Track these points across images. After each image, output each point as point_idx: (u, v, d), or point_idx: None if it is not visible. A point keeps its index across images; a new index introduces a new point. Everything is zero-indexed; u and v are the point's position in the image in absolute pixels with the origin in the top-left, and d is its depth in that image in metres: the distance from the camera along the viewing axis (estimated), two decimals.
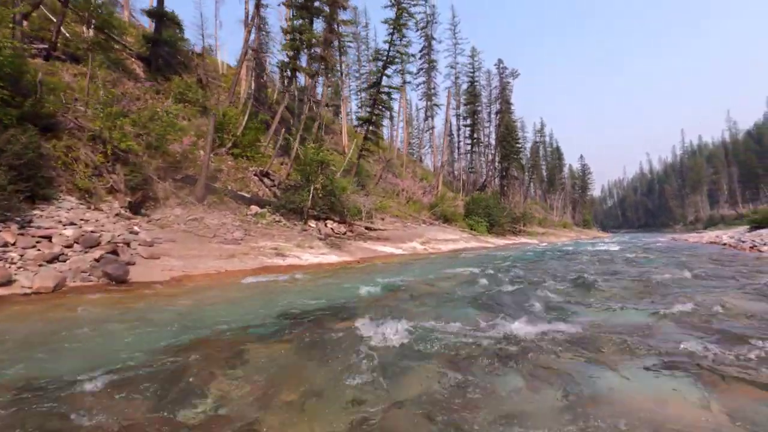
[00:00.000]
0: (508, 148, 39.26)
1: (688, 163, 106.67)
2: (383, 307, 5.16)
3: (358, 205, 18.25)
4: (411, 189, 30.12)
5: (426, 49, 50.00)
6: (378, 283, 6.88)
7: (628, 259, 11.13)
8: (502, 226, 33.19)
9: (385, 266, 10.76)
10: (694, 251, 12.67)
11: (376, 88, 21.62)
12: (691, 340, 3.50)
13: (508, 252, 16.74)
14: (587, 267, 9.50)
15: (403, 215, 24.72)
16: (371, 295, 6.09)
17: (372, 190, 22.18)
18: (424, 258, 13.85)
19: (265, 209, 14.32)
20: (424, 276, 8.27)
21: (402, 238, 17.75)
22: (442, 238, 20.95)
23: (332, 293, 6.27)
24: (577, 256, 12.70)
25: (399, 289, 6.56)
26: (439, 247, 18.19)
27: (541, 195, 78.95)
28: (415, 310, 4.96)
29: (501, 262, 11.21)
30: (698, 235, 23.86)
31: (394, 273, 8.79)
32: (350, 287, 6.65)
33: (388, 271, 9.12)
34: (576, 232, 61.42)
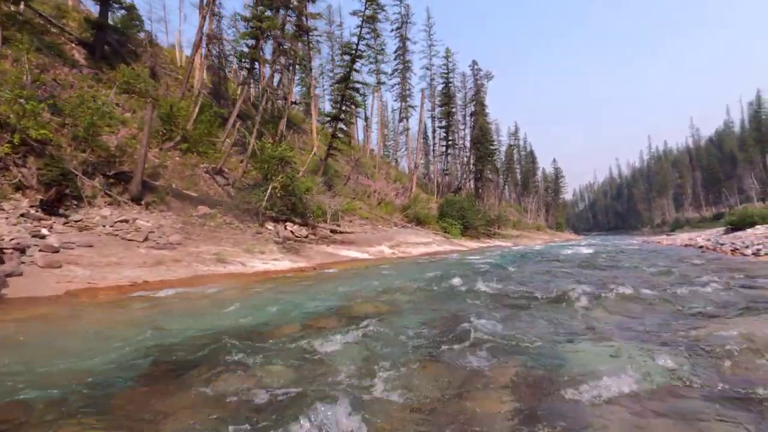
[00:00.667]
0: (482, 150, 38.88)
1: (654, 167, 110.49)
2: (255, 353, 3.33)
3: (323, 207, 17.04)
4: (383, 191, 29.10)
5: (401, 50, 49.36)
6: (315, 300, 5.74)
7: (611, 265, 10.31)
8: (476, 228, 32.62)
9: (341, 274, 9.62)
10: (676, 255, 11.99)
11: (345, 84, 20.52)
12: None
13: (481, 256, 15.93)
14: (574, 273, 8.43)
15: (374, 217, 23.65)
16: (270, 325, 4.47)
17: (340, 191, 21.01)
18: (390, 263, 12.78)
19: (215, 210, 12.92)
20: (381, 286, 7.19)
21: (369, 242, 16.64)
22: (414, 241, 19.99)
23: (228, 316, 4.98)
24: (556, 261, 11.89)
25: (328, 315, 5.05)
26: (409, 251, 17.20)
27: (516, 198, 79.66)
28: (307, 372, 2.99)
29: (471, 268, 10.29)
30: (670, 237, 23.87)
31: (345, 283, 7.65)
32: (269, 307, 5.37)
33: (338, 282, 7.96)
34: (549, 235, 62.00)
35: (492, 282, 6.67)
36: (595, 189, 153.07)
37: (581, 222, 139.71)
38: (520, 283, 7.10)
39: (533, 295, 5.77)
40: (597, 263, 10.86)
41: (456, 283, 6.77)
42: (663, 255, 12.33)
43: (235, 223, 12.90)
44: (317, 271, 10.38)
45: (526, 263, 11.22)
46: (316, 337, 3.63)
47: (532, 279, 7.65)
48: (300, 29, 24.32)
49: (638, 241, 29.42)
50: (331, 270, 10.56)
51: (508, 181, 69.50)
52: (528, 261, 12.03)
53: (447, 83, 42.59)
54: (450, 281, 6.95)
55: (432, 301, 5.76)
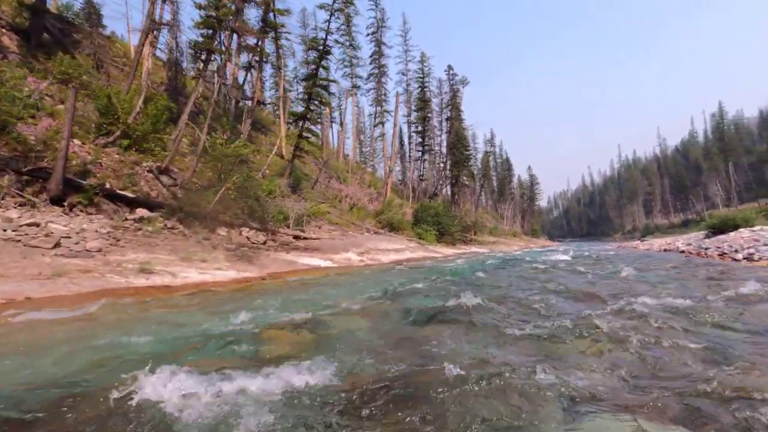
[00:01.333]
0: (458, 155, 38.35)
1: (624, 175, 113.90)
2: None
3: (286, 211, 15.71)
4: (356, 196, 27.91)
5: (376, 54, 48.80)
6: (219, 324, 4.42)
7: (594, 274, 9.32)
8: (452, 234, 31.83)
9: (291, 285, 8.33)
10: (661, 262, 11.20)
11: (312, 81, 19.35)
12: None
13: (456, 263, 14.92)
14: (572, 288, 6.71)
15: (344, 223, 22.41)
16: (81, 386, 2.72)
17: (308, 195, 19.70)
18: (355, 272, 11.57)
19: (156, 213, 11.41)
20: (327, 300, 5.99)
21: (336, 248, 15.39)
22: (385, 247, 18.85)
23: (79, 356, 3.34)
24: (540, 270, 10.83)
25: (208, 352, 3.49)
26: (379, 258, 16.03)
27: (492, 205, 79.97)
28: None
29: (441, 277, 9.20)
30: (645, 243, 23.54)
31: (286, 297, 6.38)
32: (137, 337, 3.80)
33: (279, 295, 6.66)
34: (525, 241, 62.17)
35: (467, 296, 5.54)
36: (569, 196, 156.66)
37: (555, 228, 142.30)
38: (505, 298, 6.02)
39: (532, 326, 4.09)
40: (594, 271, 10.03)
41: (414, 306, 5.35)
42: (653, 261, 11.56)
43: (180, 228, 11.42)
44: (267, 281, 9.06)
45: (509, 272, 10.16)
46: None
47: (525, 294, 6.55)
48: (266, 25, 23.06)
49: (612, 247, 29.26)
50: (289, 279, 9.27)
51: (484, 188, 69.60)
52: (509, 270, 10.91)
53: (423, 88, 42.06)
54: (411, 300, 5.81)
55: (378, 335, 4.19)
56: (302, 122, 19.65)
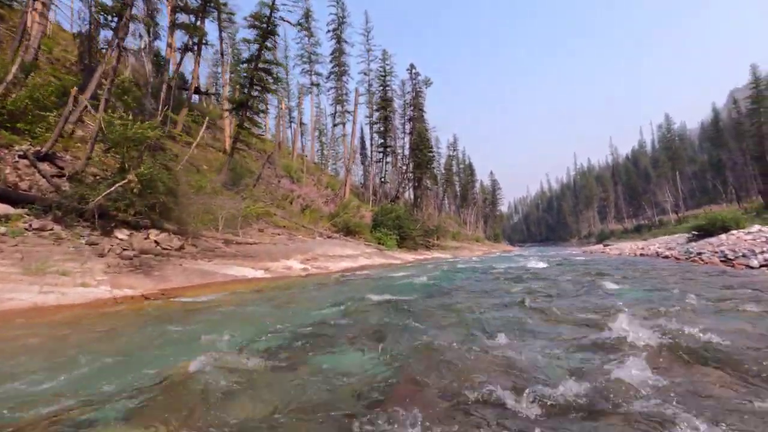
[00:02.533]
0: (421, 156, 36.84)
1: (580, 182, 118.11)
2: None
3: (215, 210, 13.16)
4: (310, 197, 25.52)
5: (337, 52, 46.69)
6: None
7: (584, 286, 7.54)
8: (414, 239, 30.10)
9: (187, 308, 5.97)
10: (659, 271, 9.18)
11: (254, 64, 16.90)
12: None
13: (414, 271, 12.99)
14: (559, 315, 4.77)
15: (293, 226, 19.98)
16: None
17: (249, 194, 17.13)
18: (290, 285, 9.26)
19: (21, 210, 8.61)
20: (216, 335, 3.80)
21: (275, 255, 13.00)
22: (337, 253, 16.64)
23: None
24: (508, 281, 9.07)
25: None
26: (327, 266, 13.80)
27: (455, 210, 79.68)
28: None
29: (396, 297, 7.14)
30: (613, 247, 22.59)
31: (155, 332, 4.12)
32: None
33: (144, 330, 4.37)
34: (488, 246, 61.88)
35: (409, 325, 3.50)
36: (528, 202, 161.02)
37: (516, 233, 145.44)
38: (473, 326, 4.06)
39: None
40: (580, 281, 8.36)
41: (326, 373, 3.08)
42: (643, 270, 10.08)
43: (54, 229, 8.67)
44: (159, 301, 6.63)
45: (486, 286, 8.17)
46: None
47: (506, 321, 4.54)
48: (206, 3, 20.36)
49: (578, 252, 28.57)
50: (184, 299, 6.85)
51: (447, 193, 68.95)
52: (486, 284, 8.41)
53: (384, 86, 40.37)
54: (325, 361, 3.68)
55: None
56: (243, 111, 17.10)
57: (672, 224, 61.88)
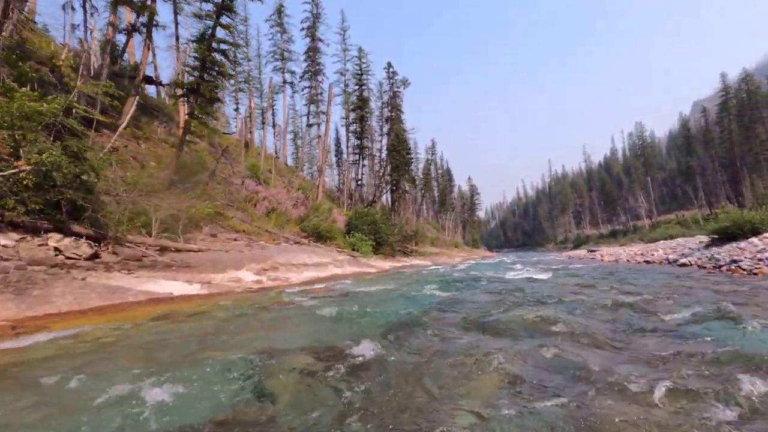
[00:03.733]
0: (398, 158, 35.09)
1: (555, 188, 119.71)
2: None
3: (147, 210, 10.83)
4: (277, 198, 23.23)
5: (312, 51, 44.66)
6: None
7: (635, 314, 5.08)
8: (391, 245, 28.18)
9: (30, 353, 3.79)
10: (702, 284, 7.61)
11: (206, 43, 14.66)
12: None
13: (391, 284, 10.98)
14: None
15: (255, 231, 17.70)
16: None
17: (199, 193, 14.76)
18: (228, 306, 7.08)
19: None
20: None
21: (223, 265, 10.77)
22: (303, 261, 14.49)
23: None
24: (520, 303, 6.80)
25: None
26: (288, 277, 11.66)
27: (434, 215, 78.47)
28: None
29: (359, 334, 5.12)
30: (605, 253, 21.01)
31: None
32: None
33: None
34: (467, 252, 60.72)
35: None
36: (505, 208, 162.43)
37: (493, 239, 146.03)
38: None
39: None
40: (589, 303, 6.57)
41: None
42: (672, 284, 8.06)
43: None
44: (9, 336, 4.39)
45: (476, 308, 5.88)
46: None
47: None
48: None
49: (564, 257, 27.29)
50: (37, 336, 4.60)
51: (425, 198, 67.61)
52: (478, 304, 6.20)
53: (360, 85, 38.53)
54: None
55: None
56: (194, 97, 14.81)
57: (646, 229, 62.60)
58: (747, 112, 54.02)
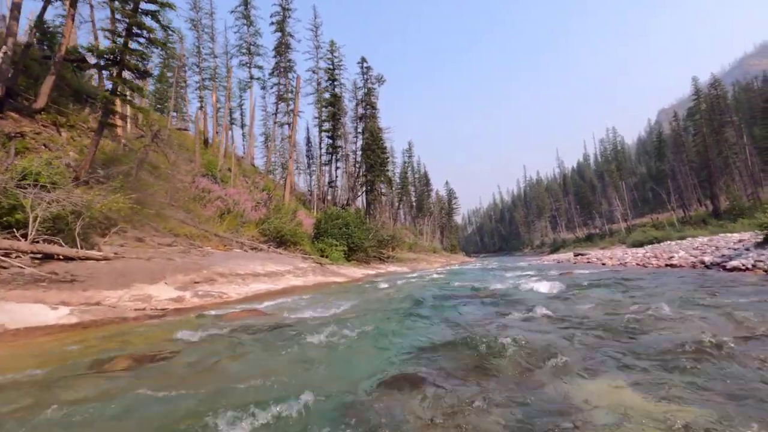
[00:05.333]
0: (373, 157, 32.72)
1: (531, 193, 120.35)
2: None
3: (25, 204, 7.95)
4: (235, 198, 20.36)
5: (282, 46, 42.00)
6: None
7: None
8: (366, 251, 25.66)
9: None
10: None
11: (132, 4, 11.82)
12: None
13: (356, 299, 8.44)
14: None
15: (201, 234, 14.85)
16: None
17: (118, 187, 11.80)
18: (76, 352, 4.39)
19: None
20: None
21: (127, 279, 7.98)
22: (252, 271, 11.78)
23: None
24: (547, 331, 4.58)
25: None
26: (225, 292, 8.96)
27: (411, 220, 76.47)
28: None
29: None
30: (607, 256, 18.50)
31: None
32: None
33: None
34: (446, 257, 58.81)
35: None
36: (482, 213, 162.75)
37: (470, 244, 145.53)
38: None
39: None
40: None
41: None
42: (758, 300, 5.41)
43: None
44: None
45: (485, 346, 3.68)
46: None
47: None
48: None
49: (552, 261, 25.43)
50: None
51: (403, 202, 65.53)
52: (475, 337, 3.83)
53: (333, 80, 36.07)
54: None
55: None
56: (117, 68, 11.95)
57: (623, 232, 62.57)
58: (716, 116, 54.79)
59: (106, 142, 16.89)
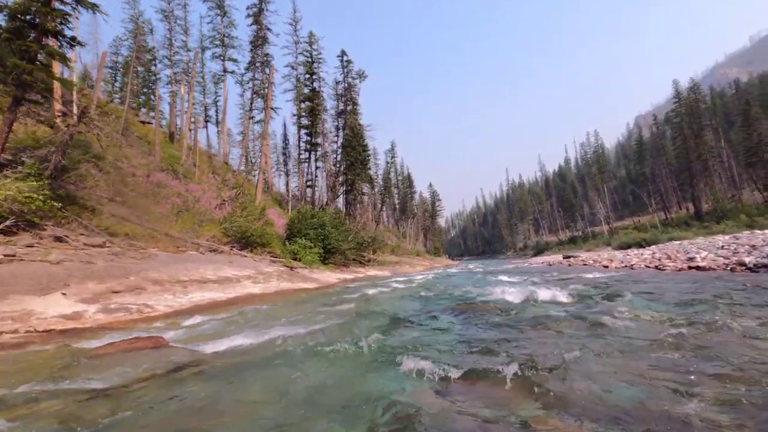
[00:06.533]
0: (353, 155, 30.90)
1: (513, 196, 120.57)
2: None
3: None
4: (196, 196, 18.24)
5: (259, 40, 39.88)
6: None
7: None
8: (344, 254, 23.76)
9: None
10: None
11: None
12: None
13: (311, 316, 6.47)
14: None
15: (150, 234, 12.75)
16: None
17: (33, 174, 9.62)
18: None
19: None
20: None
21: (4, 288, 5.96)
22: (200, 277, 9.81)
23: None
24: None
25: None
26: (151, 304, 7.00)
27: (394, 223, 74.83)
28: None
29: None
30: (606, 258, 16.84)
31: None
32: None
33: None
34: (429, 261, 57.32)
35: None
36: (465, 216, 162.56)
37: (454, 248, 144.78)
38: None
39: None
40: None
41: None
42: None
43: None
44: None
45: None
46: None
47: None
48: None
49: (541, 264, 24.06)
50: None
51: (385, 204, 63.80)
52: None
53: (311, 74, 34.15)
54: None
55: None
56: (36, 34, 9.84)
57: (605, 235, 62.45)
58: (696, 119, 55.17)
59: (40, 128, 14.60)
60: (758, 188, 48.32)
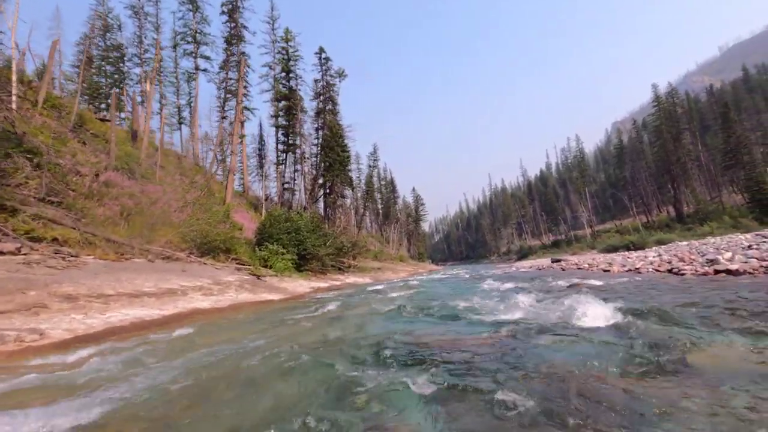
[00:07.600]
0: (332, 155, 29.33)
1: (496, 200, 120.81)
2: None
3: None
4: (152, 197, 16.37)
5: (233, 38, 38.08)
6: None
7: None
8: (321, 260, 22.13)
9: None
10: None
11: None
12: None
13: (247, 343, 4.88)
14: None
15: (87, 240, 10.91)
16: None
17: None
18: None
19: None
20: None
21: None
22: (130, 290, 8.09)
23: None
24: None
25: None
26: (44, 329, 5.31)
27: (378, 228, 73.32)
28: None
29: None
30: (606, 260, 15.28)
31: None
32: None
33: None
34: (413, 266, 55.97)
35: None
36: (448, 221, 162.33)
37: (437, 252, 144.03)
38: None
39: None
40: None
41: None
42: None
43: None
44: None
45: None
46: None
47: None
48: None
49: (530, 270, 22.88)
50: None
51: (368, 209, 62.29)
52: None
53: (287, 72, 32.53)
54: None
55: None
56: None
57: (588, 238, 62.43)
58: (674, 123, 55.72)
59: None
60: (737, 190, 48.88)
